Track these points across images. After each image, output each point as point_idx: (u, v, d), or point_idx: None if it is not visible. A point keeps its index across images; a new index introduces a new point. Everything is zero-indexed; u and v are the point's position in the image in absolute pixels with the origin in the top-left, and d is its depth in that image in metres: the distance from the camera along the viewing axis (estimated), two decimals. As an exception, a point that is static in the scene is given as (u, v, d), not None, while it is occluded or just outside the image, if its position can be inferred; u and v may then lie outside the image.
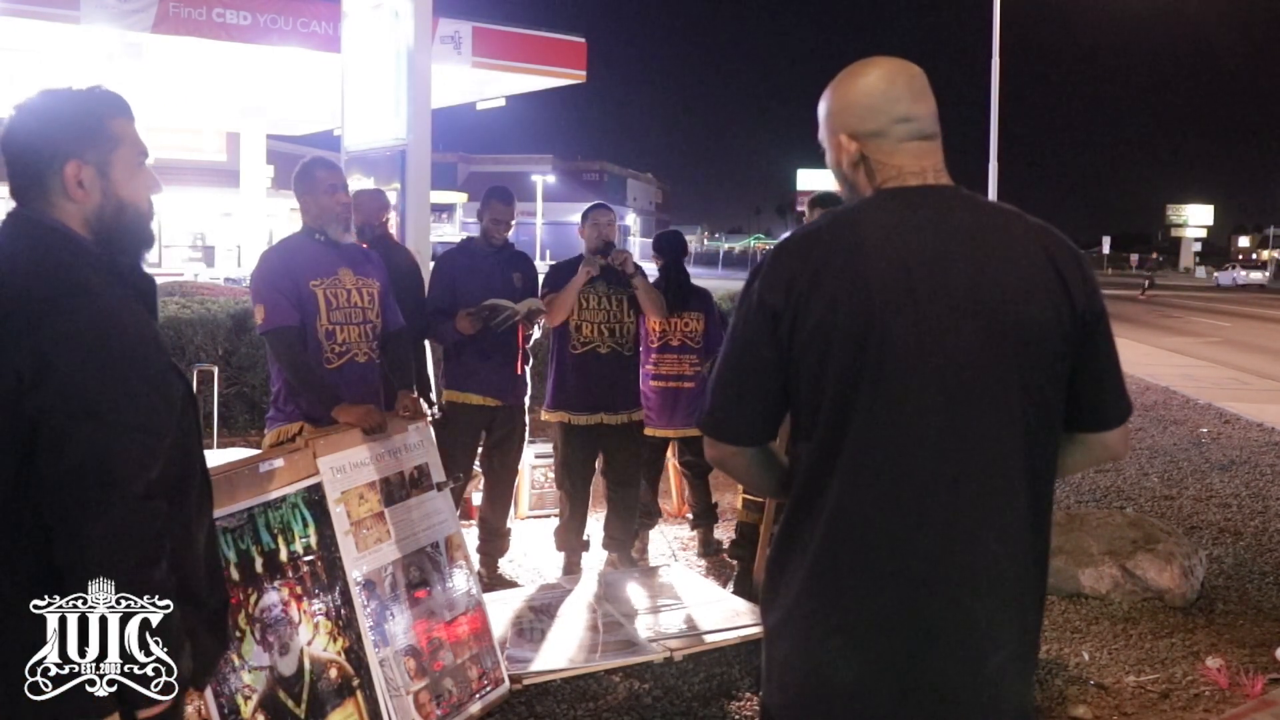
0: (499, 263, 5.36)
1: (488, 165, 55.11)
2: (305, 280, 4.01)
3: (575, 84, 17.23)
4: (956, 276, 1.76)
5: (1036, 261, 1.80)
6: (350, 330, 4.10)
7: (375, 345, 4.21)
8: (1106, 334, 1.86)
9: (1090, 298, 1.82)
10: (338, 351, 4.06)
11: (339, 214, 4.16)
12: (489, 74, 15.82)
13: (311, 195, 4.13)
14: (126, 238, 2.00)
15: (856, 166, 1.91)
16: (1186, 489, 7.79)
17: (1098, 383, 1.86)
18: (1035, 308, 1.77)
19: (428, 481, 4.01)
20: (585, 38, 16.71)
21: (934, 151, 1.91)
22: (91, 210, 1.96)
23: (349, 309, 4.10)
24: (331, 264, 4.11)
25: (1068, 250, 1.84)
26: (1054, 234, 1.86)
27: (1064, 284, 1.80)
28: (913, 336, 1.74)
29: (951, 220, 1.83)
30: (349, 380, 4.03)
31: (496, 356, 5.25)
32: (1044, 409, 1.80)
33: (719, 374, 1.88)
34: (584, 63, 16.79)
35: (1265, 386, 13.87)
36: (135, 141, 2.01)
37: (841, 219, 1.86)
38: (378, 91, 7.34)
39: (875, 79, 1.90)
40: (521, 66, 16.14)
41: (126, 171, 1.98)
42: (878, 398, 1.74)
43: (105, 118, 1.97)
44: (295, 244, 4.18)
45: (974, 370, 1.75)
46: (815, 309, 1.75)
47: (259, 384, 8.58)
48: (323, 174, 4.14)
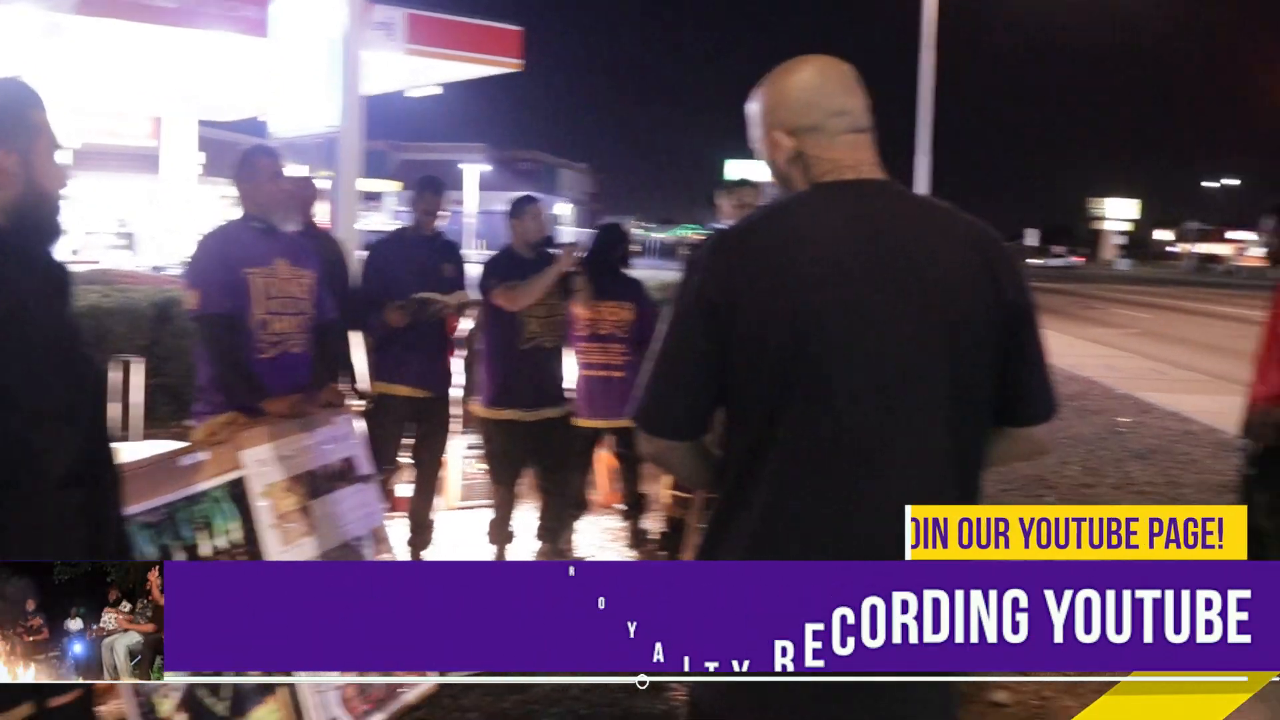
0: (430, 253, 5.33)
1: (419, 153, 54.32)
2: (241, 268, 3.94)
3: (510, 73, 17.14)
4: (890, 269, 1.79)
5: (968, 256, 1.84)
6: (286, 320, 4.04)
7: (309, 336, 4.15)
8: (1034, 329, 1.89)
9: (1019, 292, 1.86)
10: (272, 341, 4.00)
11: (280, 202, 4.11)
12: (423, 61, 15.65)
13: (252, 183, 4.06)
14: (42, 227, 2.00)
15: (793, 162, 1.93)
16: (1106, 477, 8.00)
17: (1026, 377, 1.89)
18: (966, 301, 1.81)
19: (354, 474, 3.98)
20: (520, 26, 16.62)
21: (868, 145, 1.94)
22: (11, 199, 1.95)
23: (284, 299, 4.04)
24: (269, 253, 4.05)
25: (997, 246, 1.88)
26: (984, 229, 1.90)
27: (994, 278, 1.83)
28: (847, 328, 1.76)
29: (886, 214, 1.86)
30: (282, 371, 3.97)
31: (425, 348, 5.22)
32: (973, 401, 1.84)
33: (654, 368, 1.88)
34: (520, 51, 16.64)
35: (1181, 377, 14.25)
36: (52, 133, 2.01)
37: (778, 212, 1.89)
38: (309, 78, 7.25)
39: (809, 75, 1.93)
40: (456, 54, 15.94)
41: (46, 162, 1.99)
42: (812, 389, 1.76)
43: (27, 107, 1.98)
44: (233, 231, 4.11)
45: (906, 362, 1.78)
46: (752, 301, 1.77)
47: (183, 375, 8.43)
48: (264, 161, 4.08)
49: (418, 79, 17.32)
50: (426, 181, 5.47)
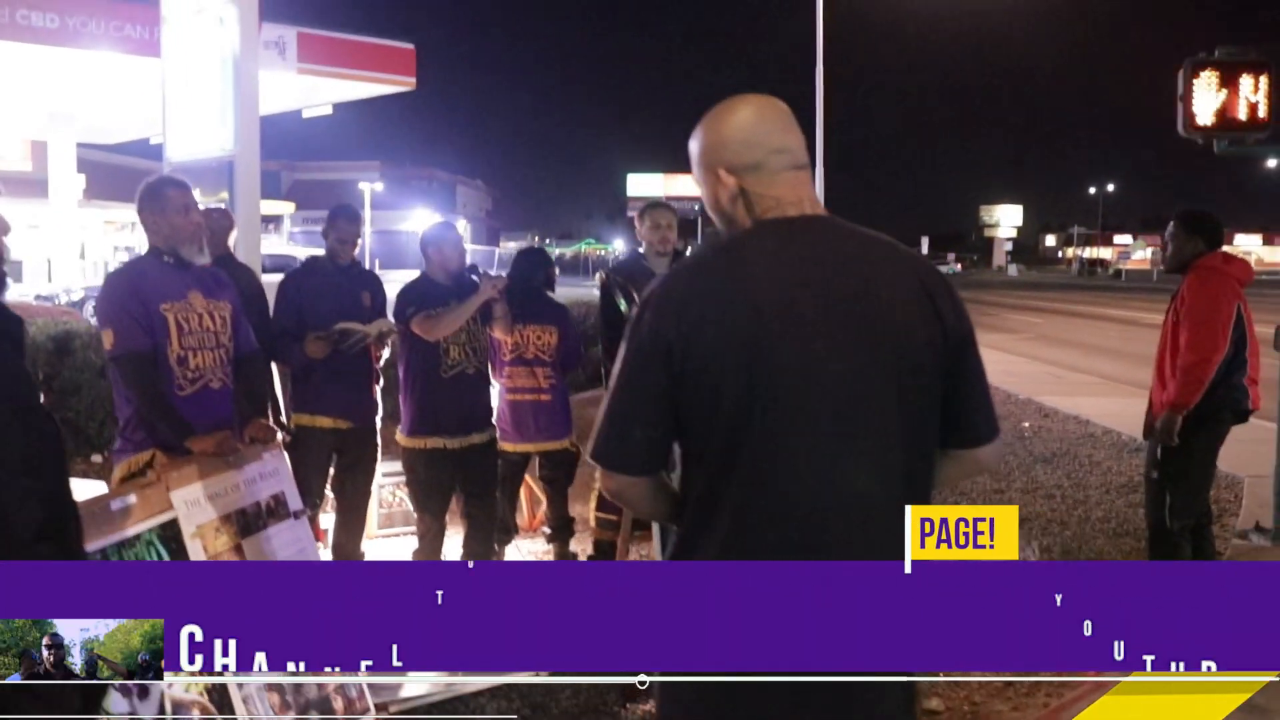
0: (346, 282, 5.23)
1: (313, 173, 53.44)
2: (155, 304, 3.82)
3: (404, 91, 16.95)
4: (840, 303, 1.84)
5: (911, 287, 1.90)
6: (204, 355, 3.92)
7: (229, 370, 4.04)
8: (975, 356, 1.96)
9: (959, 320, 1.93)
10: (190, 378, 3.88)
11: (192, 234, 3.96)
12: (315, 80, 15.42)
13: (162, 215, 3.91)
14: None
15: (735, 200, 1.96)
16: (1014, 482, 8.18)
17: (969, 402, 1.96)
18: (912, 331, 1.86)
19: (285, 510, 3.88)
20: (412, 44, 16.47)
21: (807, 181, 1.99)
22: None
23: (201, 333, 3.92)
24: (182, 287, 3.92)
25: (937, 276, 1.95)
26: (924, 261, 1.97)
27: (936, 308, 1.90)
28: (801, 361, 1.81)
29: (832, 248, 1.91)
30: (203, 408, 3.85)
31: (347, 378, 5.12)
32: (922, 428, 1.90)
33: (611, 405, 1.90)
34: (413, 69, 16.53)
35: (1077, 380, 14.65)
36: None
37: (728, 249, 1.92)
38: (202, 100, 7.04)
39: (747, 114, 1.98)
40: (349, 73, 15.79)
41: None
42: (768, 421, 1.80)
43: None
44: (143, 266, 3.98)
45: (858, 392, 1.83)
46: (706, 337, 1.80)
47: (84, 409, 8.15)
48: (174, 193, 3.93)
49: (310, 98, 17.06)
50: (339, 209, 5.35)
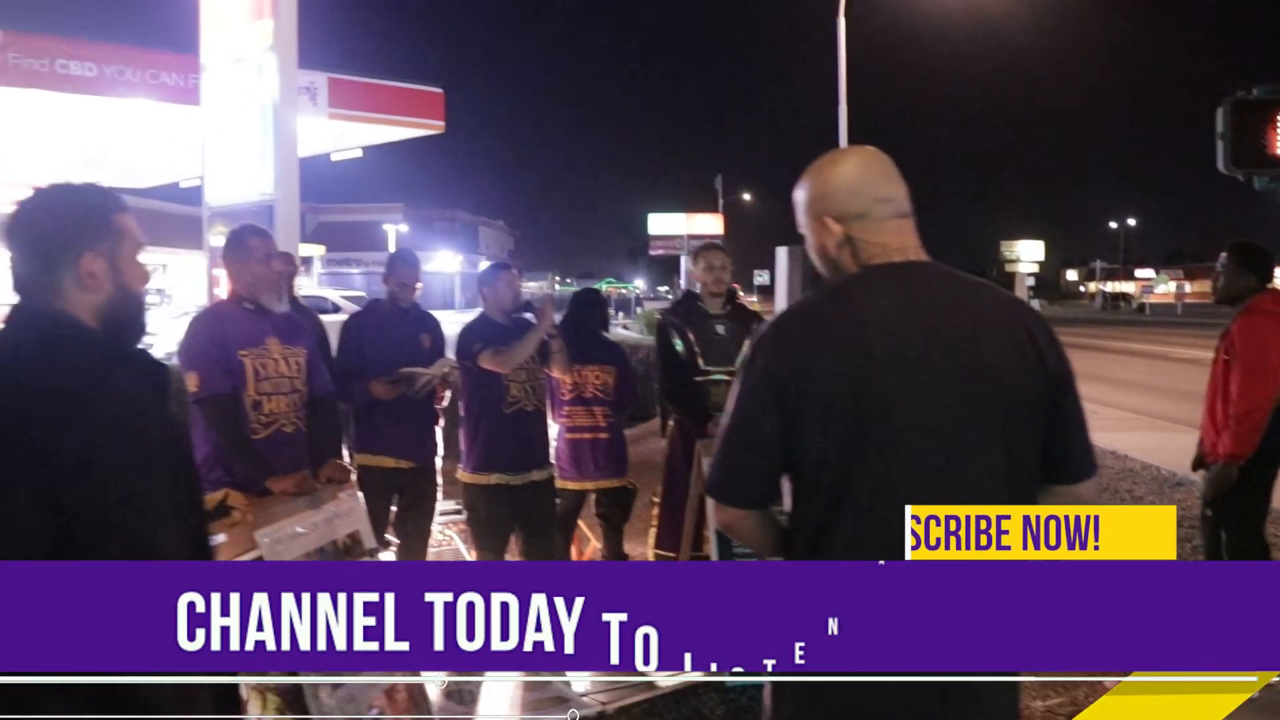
0: (406, 325, 5.30)
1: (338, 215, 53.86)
2: (234, 349, 3.90)
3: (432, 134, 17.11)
4: (946, 347, 1.91)
5: (1014, 331, 1.96)
6: (278, 400, 3.99)
7: (302, 414, 4.10)
8: (1075, 394, 2.02)
9: (1059, 362, 1.98)
10: (264, 422, 3.95)
11: (272, 282, 4.07)
12: (346, 125, 15.58)
13: (244, 263, 4.02)
14: (130, 326, 2.04)
15: (842, 247, 2.04)
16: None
17: (1069, 439, 2.01)
18: (1016, 374, 1.92)
19: (360, 548, 3.91)
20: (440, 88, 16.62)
21: (911, 229, 2.06)
22: (102, 301, 1.98)
23: (277, 379, 3.99)
24: (260, 333, 4.00)
25: (1037, 318, 2.01)
26: (1024, 304, 2.04)
27: (1038, 351, 1.95)
28: (909, 401, 1.87)
29: (937, 293, 1.98)
30: (276, 451, 3.91)
31: (409, 418, 5.16)
32: (1024, 467, 1.96)
33: (725, 441, 1.98)
34: (442, 113, 16.67)
35: (1110, 415, 14.57)
36: (135, 234, 2.06)
37: (838, 293, 2.00)
38: (241, 146, 7.17)
39: (853, 165, 2.06)
40: (379, 117, 15.94)
41: (130, 263, 2.04)
42: (877, 461, 1.87)
43: (112, 212, 2.03)
44: (223, 312, 4.06)
45: (964, 434, 1.90)
46: (819, 379, 1.88)
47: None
48: (256, 242, 4.04)
49: (340, 142, 17.23)
50: (400, 255, 5.47)
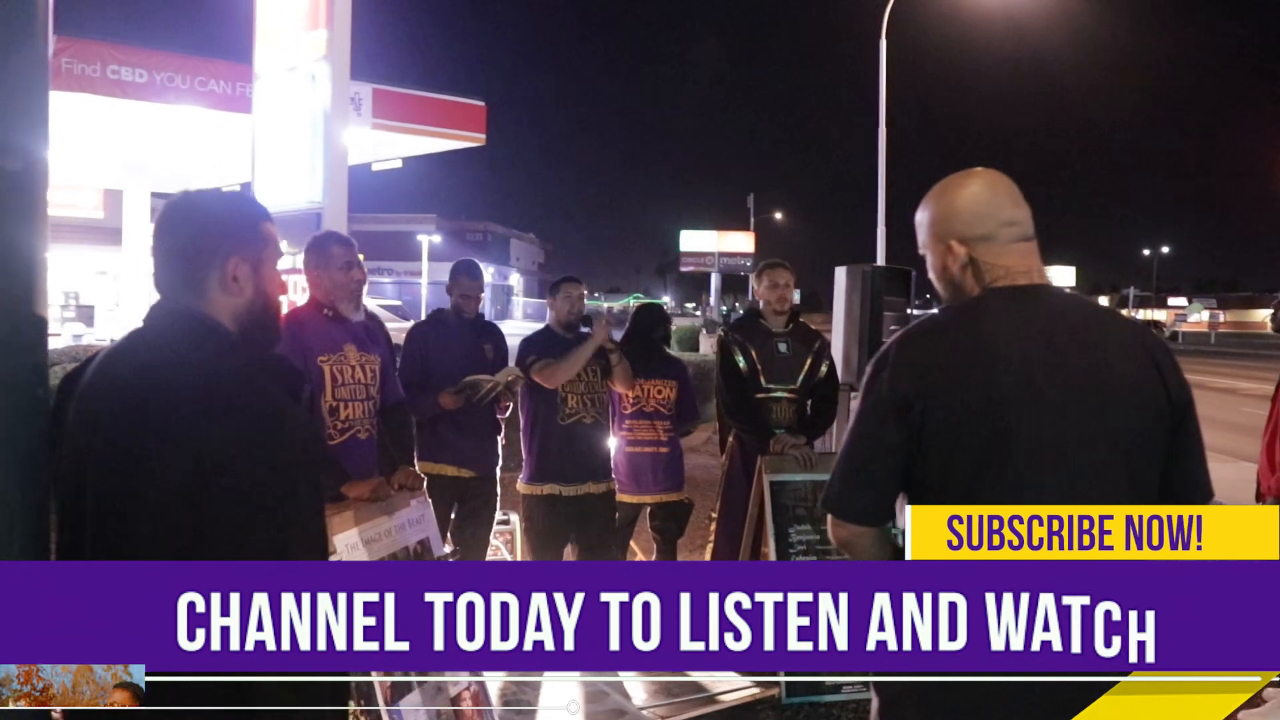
0: (469, 335, 5.29)
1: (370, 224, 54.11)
2: (314, 356, 3.91)
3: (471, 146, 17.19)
4: (1070, 370, 1.91)
5: (1136, 354, 1.95)
6: (354, 407, 4.00)
7: (375, 421, 4.12)
8: (1194, 420, 2.02)
9: (1181, 387, 1.98)
10: (340, 428, 3.96)
11: (352, 290, 4.06)
12: (389, 135, 15.70)
13: (325, 270, 4.03)
14: (267, 332, 2.08)
15: (965, 269, 2.04)
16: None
17: (1188, 464, 2.01)
18: (1139, 398, 1.92)
19: (430, 556, 3.93)
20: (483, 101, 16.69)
21: (1035, 252, 2.06)
22: (242, 305, 2.01)
23: (353, 385, 4.01)
24: (339, 340, 4.02)
25: (1160, 343, 2.00)
26: (1145, 328, 2.04)
27: (1160, 375, 1.95)
28: (1034, 426, 1.87)
29: (1061, 316, 1.97)
30: (350, 457, 3.92)
31: (471, 428, 5.15)
32: (1144, 487, 1.95)
33: (846, 457, 1.99)
34: (483, 125, 16.75)
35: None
36: (277, 243, 2.10)
37: (964, 315, 2.00)
38: (291, 153, 7.19)
39: (979, 188, 2.06)
40: (421, 129, 16.04)
41: (271, 270, 2.07)
42: (1001, 482, 1.87)
43: (259, 219, 2.06)
44: (304, 317, 4.06)
45: (1087, 452, 1.89)
46: (945, 398, 1.88)
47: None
48: (337, 250, 4.05)
49: (382, 152, 17.35)
50: (461, 265, 5.44)
